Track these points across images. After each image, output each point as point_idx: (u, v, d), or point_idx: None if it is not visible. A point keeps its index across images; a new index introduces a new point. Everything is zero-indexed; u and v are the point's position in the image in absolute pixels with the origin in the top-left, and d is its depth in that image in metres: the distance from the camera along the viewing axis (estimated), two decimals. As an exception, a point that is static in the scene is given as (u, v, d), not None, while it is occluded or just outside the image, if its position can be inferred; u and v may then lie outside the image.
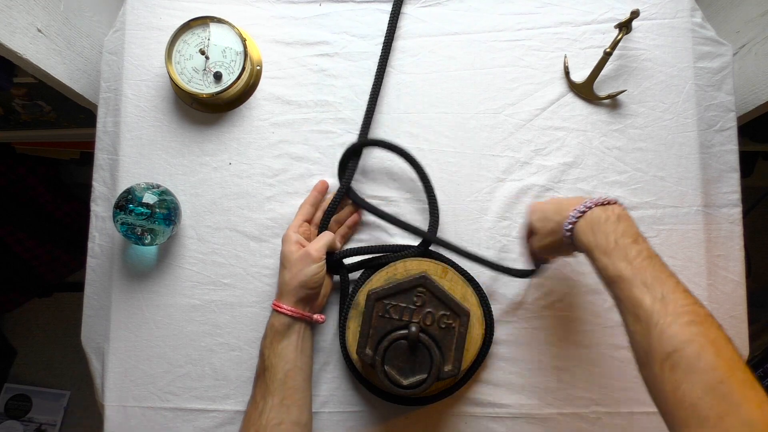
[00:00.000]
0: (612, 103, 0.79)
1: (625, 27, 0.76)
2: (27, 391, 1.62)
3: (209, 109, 0.80)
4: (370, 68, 0.81)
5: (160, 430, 0.76)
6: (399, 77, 0.81)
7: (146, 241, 0.72)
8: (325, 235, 0.72)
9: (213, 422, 0.76)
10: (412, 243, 0.77)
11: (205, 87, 0.76)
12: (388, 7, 0.81)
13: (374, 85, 0.79)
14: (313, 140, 0.80)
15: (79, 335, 0.79)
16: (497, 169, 0.79)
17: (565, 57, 0.80)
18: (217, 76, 0.76)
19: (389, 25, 0.80)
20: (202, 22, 0.77)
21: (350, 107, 0.80)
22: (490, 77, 0.80)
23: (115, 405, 0.76)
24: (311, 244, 0.70)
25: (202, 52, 0.76)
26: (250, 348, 0.76)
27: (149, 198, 0.71)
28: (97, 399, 0.78)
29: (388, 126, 0.80)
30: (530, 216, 0.68)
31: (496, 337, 0.75)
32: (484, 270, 0.76)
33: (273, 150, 0.80)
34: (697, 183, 0.77)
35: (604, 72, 0.78)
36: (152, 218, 0.70)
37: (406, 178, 0.79)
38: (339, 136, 0.80)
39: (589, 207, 0.59)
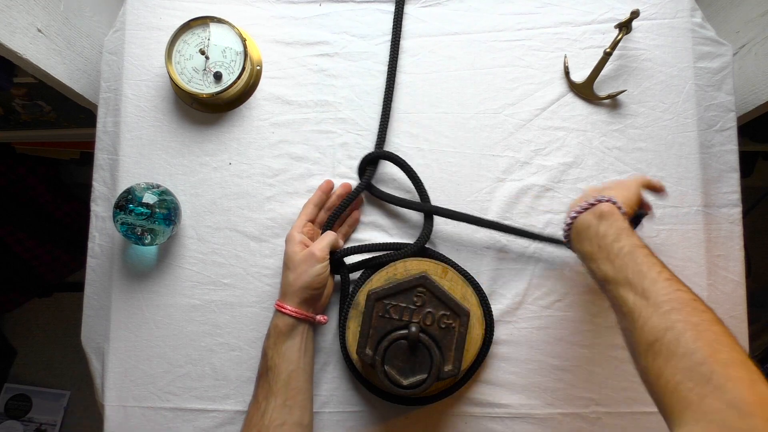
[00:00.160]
0: (612, 103, 0.79)
1: (625, 27, 0.76)
2: (27, 391, 1.62)
3: (209, 109, 0.80)
4: (371, 68, 0.81)
5: (160, 430, 0.76)
6: (399, 77, 0.81)
7: (146, 241, 0.72)
8: (328, 235, 0.72)
9: (213, 422, 0.76)
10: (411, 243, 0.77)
11: (205, 87, 0.76)
12: (388, 7, 0.81)
13: (386, 91, 0.79)
14: (313, 140, 0.80)
15: (79, 335, 0.79)
16: (497, 169, 0.79)
17: (565, 57, 0.80)
18: (217, 76, 0.76)
19: (394, 30, 0.80)
20: (202, 22, 0.77)
21: (350, 107, 0.80)
22: (490, 77, 0.80)
23: (115, 405, 0.76)
24: (314, 244, 0.70)
25: (202, 52, 0.76)
26: (250, 348, 0.76)
27: (149, 198, 0.71)
28: (97, 399, 0.78)
29: (388, 126, 0.80)
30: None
31: (496, 337, 0.75)
32: (485, 270, 0.76)
33: (273, 150, 0.80)
34: (697, 183, 0.77)
35: (604, 72, 0.78)
36: (152, 218, 0.70)
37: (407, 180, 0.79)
38: (339, 136, 0.80)
39: (579, 213, 0.60)
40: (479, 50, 0.81)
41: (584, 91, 0.79)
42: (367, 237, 0.78)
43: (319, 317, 0.72)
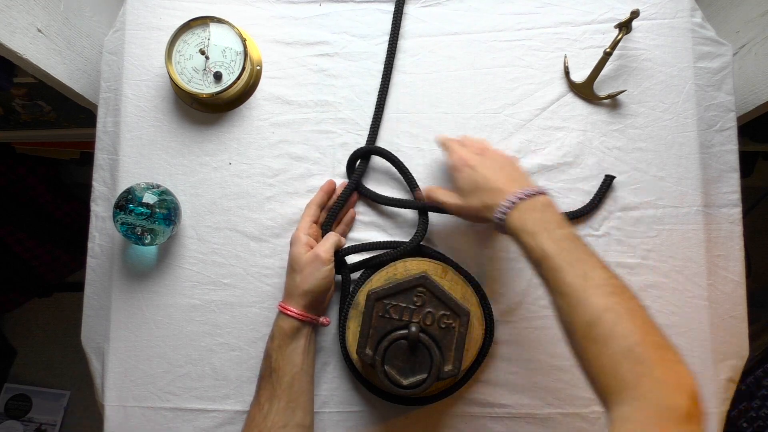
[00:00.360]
0: (612, 103, 0.79)
1: (625, 27, 0.76)
2: (27, 391, 1.62)
3: (209, 109, 0.80)
4: (370, 68, 0.81)
5: (160, 430, 0.76)
6: (399, 77, 0.81)
7: (146, 241, 0.72)
8: (331, 236, 0.72)
9: (213, 422, 0.76)
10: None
11: (205, 87, 0.76)
12: (388, 7, 0.81)
13: (380, 90, 0.79)
14: (313, 140, 0.80)
15: (79, 335, 0.79)
16: (497, 169, 0.78)
17: (565, 57, 0.80)
18: (217, 76, 0.76)
19: (392, 29, 0.80)
20: (202, 22, 0.77)
21: (350, 107, 0.80)
22: (490, 77, 0.80)
23: (115, 405, 0.76)
24: (318, 246, 0.70)
25: (202, 52, 0.76)
26: (250, 348, 0.76)
27: (149, 198, 0.71)
28: (97, 399, 0.78)
29: (388, 126, 0.80)
30: (459, 177, 0.68)
31: (496, 337, 0.75)
32: (485, 270, 0.76)
33: (273, 150, 0.80)
34: (697, 183, 0.77)
35: (604, 72, 0.78)
36: (152, 218, 0.70)
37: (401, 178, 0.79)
38: (339, 136, 0.80)
39: (521, 198, 0.61)
40: (479, 50, 0.81)
41: (584, 91, 0.79)
42: (366, 237, 0.78)
43: (321, 319, 0.72)
